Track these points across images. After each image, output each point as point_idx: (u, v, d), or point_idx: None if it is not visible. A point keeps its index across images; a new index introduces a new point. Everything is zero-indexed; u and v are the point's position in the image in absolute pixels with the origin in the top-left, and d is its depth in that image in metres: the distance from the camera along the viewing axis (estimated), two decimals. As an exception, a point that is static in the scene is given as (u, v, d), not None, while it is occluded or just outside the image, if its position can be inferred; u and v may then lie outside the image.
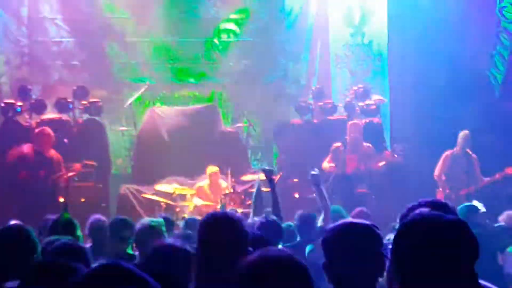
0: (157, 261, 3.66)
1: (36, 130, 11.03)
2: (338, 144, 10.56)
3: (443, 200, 3.88)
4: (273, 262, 2.45)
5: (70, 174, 10.71)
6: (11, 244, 3.88)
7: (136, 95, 13.09)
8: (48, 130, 10.93)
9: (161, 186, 11.41)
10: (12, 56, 13.41)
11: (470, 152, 10.85)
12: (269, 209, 6.87)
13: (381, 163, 10.49)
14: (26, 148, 10.86)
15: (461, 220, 2.45)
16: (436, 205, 3.31)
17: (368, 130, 12.13)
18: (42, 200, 10.22)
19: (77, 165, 10.82)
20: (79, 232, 5.46)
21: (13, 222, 5.97)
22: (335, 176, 10.47)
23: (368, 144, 10.67)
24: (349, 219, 4.27)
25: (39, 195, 10.42)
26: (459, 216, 2.87)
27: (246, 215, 7.91)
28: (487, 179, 10.86)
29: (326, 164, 10.51)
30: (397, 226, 2.93)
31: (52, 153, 10.86)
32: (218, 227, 3.44)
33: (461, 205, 7.30)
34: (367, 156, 10.52)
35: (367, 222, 3.15)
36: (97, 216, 6.90)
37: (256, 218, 6.24)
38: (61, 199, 10.38)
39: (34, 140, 10.89)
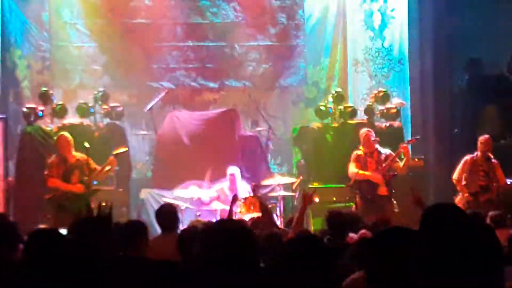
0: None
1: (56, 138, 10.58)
2: (359, 152, 10.55)
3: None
4: None
5: (107, 168, 10.41)
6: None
7: (156, 99, 13.15)
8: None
9: (180, 191, 11.45)
10: (33, 61, 13.50)
11: (491, 157, 10.71)
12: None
13: (400, 163, 10.43)
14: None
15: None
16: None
17: (389, 134, 12.09)
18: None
19: (111, 159, 10.41)
20: None
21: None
22: (356, 180, 10.45)
23: (385, 150, 10.59)
24: None
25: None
26: None
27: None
28: (507, 184, 10.71)
29: (364, 172, 10.43)
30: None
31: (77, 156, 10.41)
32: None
33: None
34: (385, 159, 10.48)
35: None
36: None
37: None
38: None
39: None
